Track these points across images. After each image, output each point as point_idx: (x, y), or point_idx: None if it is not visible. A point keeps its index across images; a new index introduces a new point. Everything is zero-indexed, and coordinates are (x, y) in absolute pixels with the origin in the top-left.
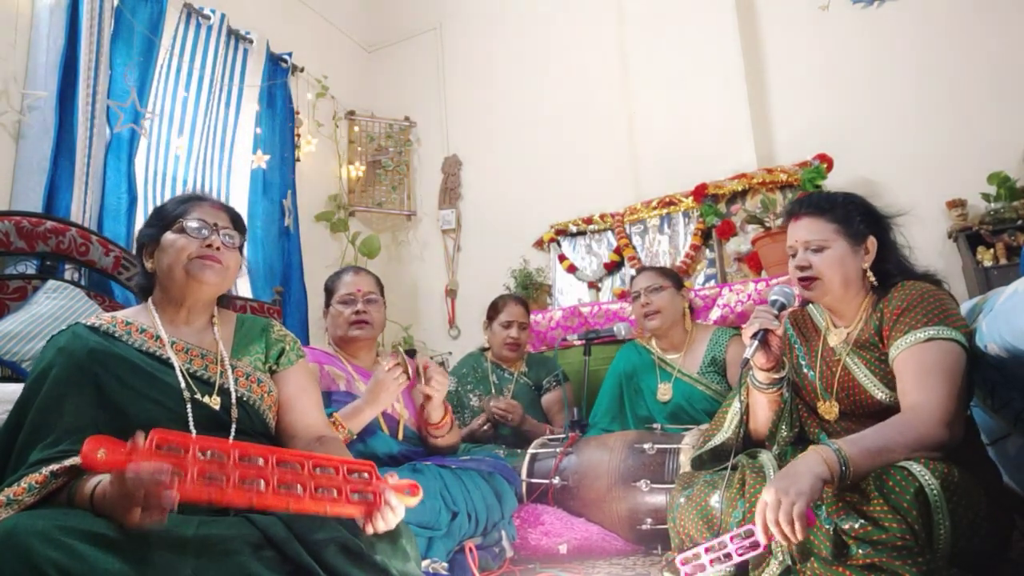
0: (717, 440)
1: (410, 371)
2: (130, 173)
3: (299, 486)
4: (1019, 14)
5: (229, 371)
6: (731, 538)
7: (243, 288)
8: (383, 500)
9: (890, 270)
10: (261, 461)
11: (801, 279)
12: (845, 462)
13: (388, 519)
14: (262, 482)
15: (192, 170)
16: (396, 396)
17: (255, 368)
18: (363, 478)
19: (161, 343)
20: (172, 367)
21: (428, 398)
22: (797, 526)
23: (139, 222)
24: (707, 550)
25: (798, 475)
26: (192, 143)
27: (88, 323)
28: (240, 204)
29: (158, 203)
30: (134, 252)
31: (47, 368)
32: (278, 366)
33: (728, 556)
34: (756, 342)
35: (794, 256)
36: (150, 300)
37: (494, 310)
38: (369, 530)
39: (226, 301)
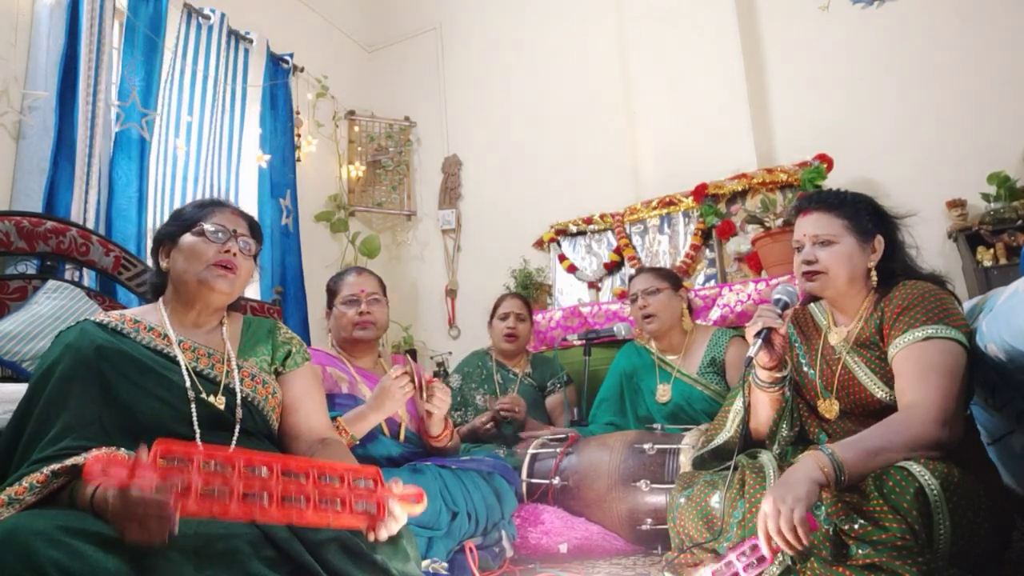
0: (720, 439)
1: (416, 381)
2: (141, 173)
3: (303, 498)
4: (1018, 14)
5: (235, 371)
6: (737, 556)
7: (251, 289)
8: (387, 511)
9: (895, 270)
10: (265, 472)
11: (805, 272)
12: (839, 466)
13: (391, 527)
14: (266, 496)
15: (198, 170)
16: (401, 404)
17: (261, 369)
18: (368, 486)
19: (169, 341)
20: (179, 365)
21: (429, 414)
22: (800, 532)
23: (148, 222)
24: (714, 573)
25: (794, 482)
26: (196, 143)
27: (96, 319)
28: (246, 204)
29: (165, 203)
30: (149, 251)
31: (54, 363)
32: (284, 368)
33: (736, 575)
34: (759, 341)
35: (800, 250)
36: (161, 299)
37: (494, 308)
38: (371, 536)
39: (235, 303)
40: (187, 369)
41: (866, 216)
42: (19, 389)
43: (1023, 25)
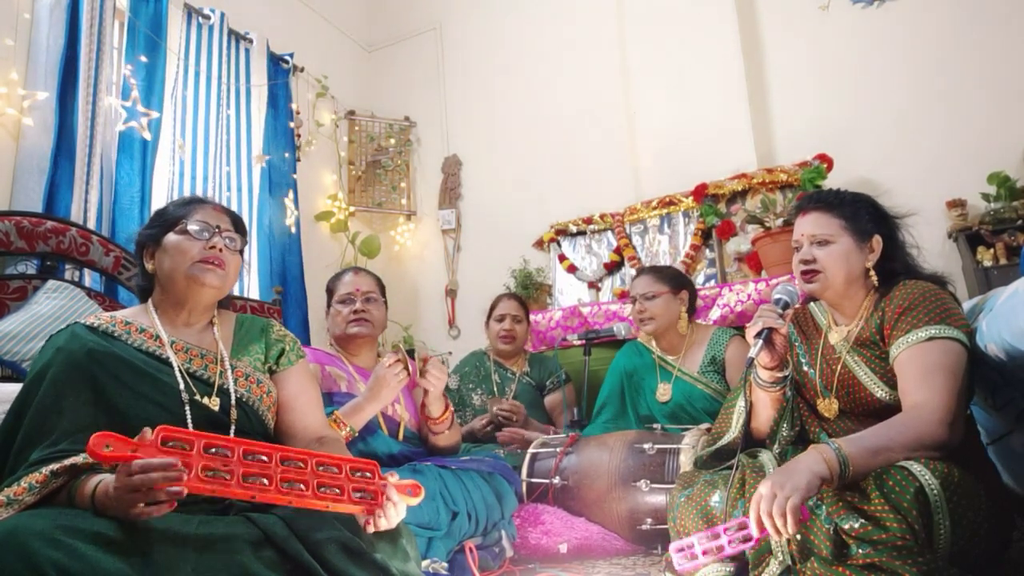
0: (727, 439)
1: (410, 369)
2: (144, 173)
3: (302, 484)
4: (1019, 14)
5: (229, 371)
6: (724, 530)
7: (252, 288)
8: (385, 498)
9: (896, 269)
10: (265, 458)
11: (804, 272)
12: (844, 461)
13: (390, 516)
14: (265, 479)
15: (205, 170)
16: (397, 393)
17: (255, 368)
18: (366, 477)
19: (161, 343)
20: (171, 367)
21: (426, 391)
22: (789, 519)
23: None
24: (700, 541)
25: (796, 471)
26: (203, 143)
27: (87, 323)
28: (247, 204)
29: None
30: (134, 253)
31: (45, 368)
32: (278, 366)
33: (720, 548)
34: (760, 341)
35: (798, 250)
36: (150, 301)
37: (491, 309)
38: (370, 528)
39: (225, 301)
40: (180, 371)
41: (865, 216)
42: (18, 389)
43: (1022, 25)
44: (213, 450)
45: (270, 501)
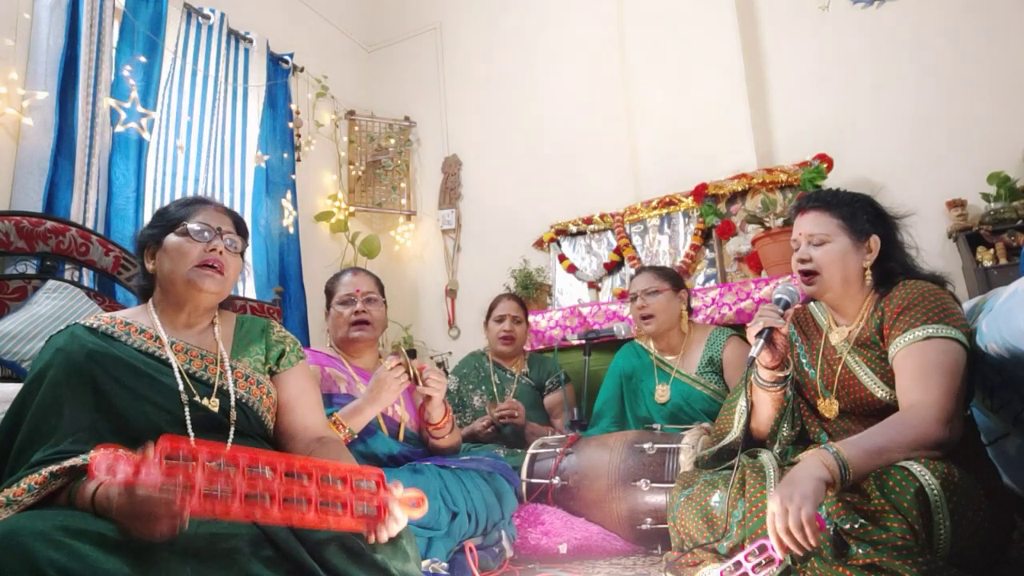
0: (729, 439)
1: (411, 372)
2: (139, 173)
3: (305, 500)
4: (1019, 14)
5: (228, 372)
6: (746, 556)
7: (247, 289)
8: (387, 513)
9: (894, 269)
10: (268, 472)
11: (801, 272)
12: (844, 464)
13: (391, 529)
14: (268, 497)
15: (198, 170)
16: (397, 396)
17: (255, 369)
18: (370, 488)
19: (160, 344)
20: (171, 368)
21: (428, 398)
22: (807, 531)
23: (146, 223)
24: (723, 574)
25: (799, 481)
26: (196, 143)
27: (87, 324)
28: (245, 205)
29: (163, 203)
30: (134, 252)
31: (44, 369)
32: (278, 367)
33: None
34: (761, 340)
35: (797, 250)
36: (150, 301)
37: (490, 309)
38: (372, 539)
39: (227, 302)
40: (180, 372)
41: (863, 216)
42: (18, 389)
43: (1022, 25)
44: (216, 464)
45: (272, 522)
